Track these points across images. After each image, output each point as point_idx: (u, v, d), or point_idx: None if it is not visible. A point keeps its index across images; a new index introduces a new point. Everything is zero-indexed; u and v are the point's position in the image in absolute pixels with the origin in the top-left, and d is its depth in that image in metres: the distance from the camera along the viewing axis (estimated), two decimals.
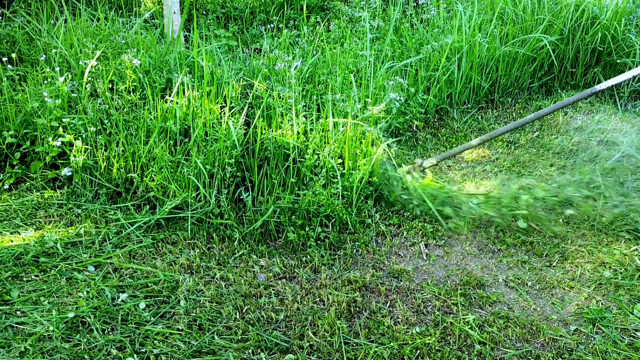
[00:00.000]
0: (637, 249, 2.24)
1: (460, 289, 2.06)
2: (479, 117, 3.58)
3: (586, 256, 2.24)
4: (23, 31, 3.43)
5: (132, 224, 2.36)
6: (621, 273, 2.12)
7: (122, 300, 1.95)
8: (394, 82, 3.27)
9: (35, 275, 2.06)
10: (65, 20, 3.43)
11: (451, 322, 1.90)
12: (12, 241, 2.23)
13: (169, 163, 2.49)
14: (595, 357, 1.75)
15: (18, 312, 1.87)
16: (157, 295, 2.00)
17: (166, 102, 2.77)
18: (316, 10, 5.06)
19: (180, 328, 1.85)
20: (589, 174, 2.60)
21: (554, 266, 2.21)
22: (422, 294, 2.05)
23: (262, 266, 2.20)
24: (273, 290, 2.06)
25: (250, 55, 3.99)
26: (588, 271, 2.16)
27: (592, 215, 2.43)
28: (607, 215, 2.41)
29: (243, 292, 2.03)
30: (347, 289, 2.05)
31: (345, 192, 2.49)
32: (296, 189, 2.51)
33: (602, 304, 1.97)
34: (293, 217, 2.38)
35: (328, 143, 2.60)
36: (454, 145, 3.23)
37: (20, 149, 2.67)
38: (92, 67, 2.87)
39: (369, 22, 4.31)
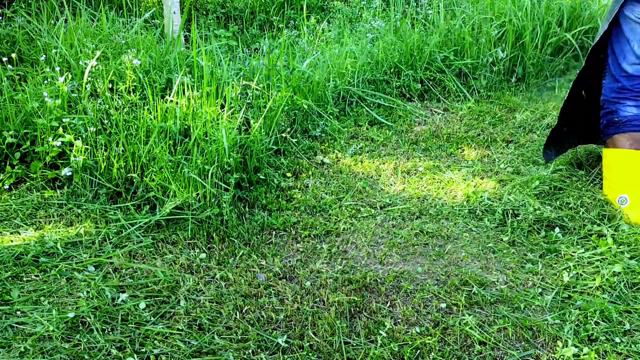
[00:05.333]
0: None
1: (460, 289, 2.06)
2: None
3: (586, 256, 2.24)
4: (23, 31, 3.43)
5: (132, 224, 2.36)
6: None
7: (122, 300, 1.95)
8: None
9: (35, 275, 2.06)
10: (66, 20, 3.43)
11: (451, 323, 1.90)
12: (12, 241, 2.23)
13: (169, 163, 2.49)
14: (596, 357, 1.75)
15: (18, 312, 1.87)
16: (157, 295, 2.00)
17: (166, 102, 2.77)
18: (316, 10, 5.07)
19: (180, 328, 1.85)
20: None
21: (554, 266, 2.21)
22: (422, 294, 2.05)
23: (262, 266, 2.20)
24: (273, 290, 2.06)
25: (250, 55, 3.99)
26: (589, 271, 2.16)
27: None
28: None
29: (243, 292, 2.03)
30: (347, 289, 2.05)
31: None
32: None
33: (603, 304, 1.97)
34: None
35: None
36: None
37: (20, 149, 2.67)
38: (92, 67, 2.87)
39: (369, 22, 4.32)
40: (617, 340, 1.82)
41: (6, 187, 2.59)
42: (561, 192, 2.57)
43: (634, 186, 2.41)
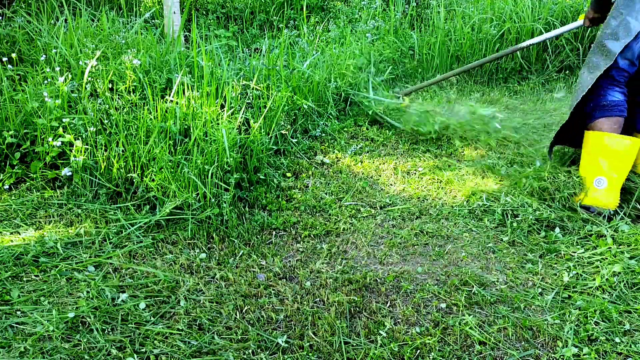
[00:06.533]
0: None
1: (460, 289, 2.06)
2: None
3: (586, 256, 2.24)
4: (23, 31, 3.43)
5: (132, 224, 2.36)
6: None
7: (122, 300, 1.95)
8: None
9: (35, 275, 2.06)
10: (66, 20, 3.43)
11: (451, 323, 1.90)
12: (12, 241, 2.23)
13: (169, 163, 2.49)
14: (596, 357, 1.75)
15: (18, 312, 1.87)
16: (157, 295, 2.00)
17: (166, 102, 2.77)
18: (316, 10, 5.07)
19: (180, 328, 1.85)
20: None
21: (554, 266, 2.21)
22: (422, 294, 2.05)
23: (262, 266, 2.20)
24: (273, 290, 2.06)
25: (250, 55, 3.99)
26: (589, 271, 2.16)
27: None
28: None
29: (243, 292, 2.03)
30: (347, 289, 2.05)
31: None
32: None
33: (603, 304, 1.97)
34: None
35: None
36: None
37: (20, 149, 2.67)
38: (92, 67, 2.87)
39: (368, 23, 4.32)
40: (617, 340, 1.82)
41: (6, 187, 2.59)
42: (559, 191, 2.57)
43: (612, 169, 2.48)
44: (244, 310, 1.94)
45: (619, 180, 2.47)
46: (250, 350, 1.77)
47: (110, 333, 1.81)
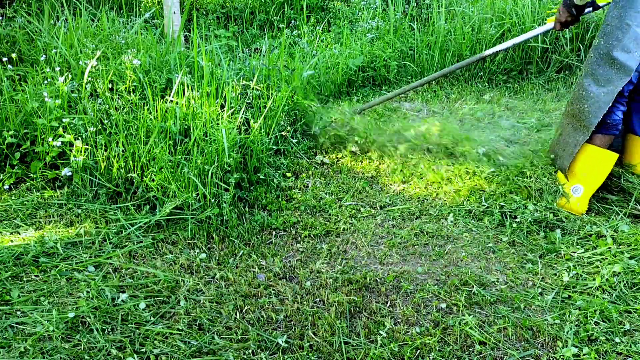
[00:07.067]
0: None
1: (460, 289, 2.06)
2: None
3: (586, 256, 2.24)
4: (23, 31, 3.43)
5: (132, 224, 2.36)
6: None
7: (122, 300, 1.95)
8: None
9: (35, 275, 2.06)
10: (66, 20, 3.43)
11: (451, 323, 1.90)
12: (12, 241, 2.23)
13: (169, 163, 2.49)
14: (596, 357, 1.75)
15: (18, 312, 1.87)
16: (157, 295, 2.00)
17: (166, 102, 2.77)
18: (316, 10, 5.07)
19: (180, 328, 1.85)
20: None
21: (554, 266, 2.21)
22: (422, 294, 2.05)
23: (262, 266, 2.20)
24: (273, 290, 2.06)
25: (250, 55, 3.99)
26: (589, 271, 2.16)
27: None
28: None
29: (243, 292, 2.03)
30: (347, 289, 2.05)
31: None
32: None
33: (603, 304, 1.97)
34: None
35: None
36: None
37: (20, 149, 2.67)
38: (92, 67, 2.87)
39: (368, 23, 4.32)
40: (617, 340, 1.82)
41: (6, 187, 2.59)
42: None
43: (592, 181, 2.52)
44: (244, 310, 1.94)
45: (593, 189, 2.52)
46: (250, 350, 1.77)
47: (110, 333, 1.81)
